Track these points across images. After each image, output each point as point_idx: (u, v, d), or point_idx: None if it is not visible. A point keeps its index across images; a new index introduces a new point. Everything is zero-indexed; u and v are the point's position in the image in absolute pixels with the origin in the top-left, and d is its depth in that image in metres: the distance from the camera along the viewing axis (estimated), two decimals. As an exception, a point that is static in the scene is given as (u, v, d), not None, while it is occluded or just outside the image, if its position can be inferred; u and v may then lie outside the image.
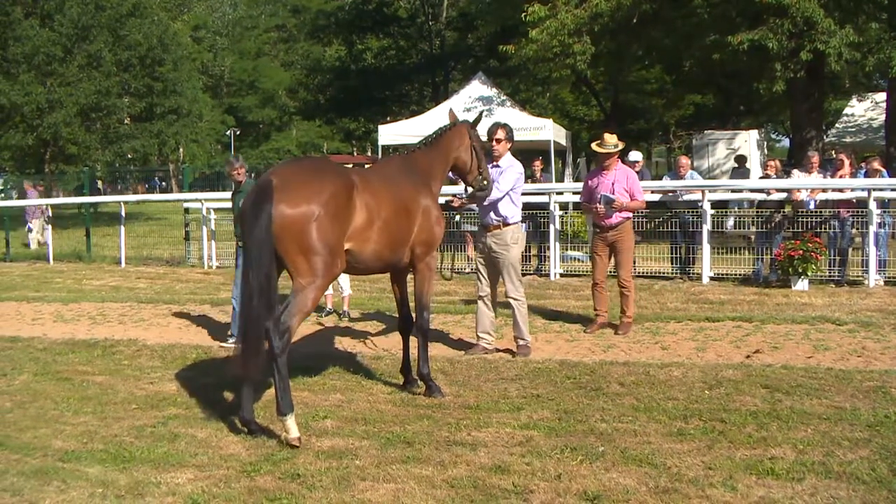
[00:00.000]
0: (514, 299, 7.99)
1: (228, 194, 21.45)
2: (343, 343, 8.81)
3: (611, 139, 9.08)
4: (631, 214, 9.13)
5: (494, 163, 7.91)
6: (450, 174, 7.31)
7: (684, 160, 13.46)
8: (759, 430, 5.39)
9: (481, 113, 7.26)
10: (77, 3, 30.36)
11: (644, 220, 12.75)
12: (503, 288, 8.11)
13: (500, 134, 7.91)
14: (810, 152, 12.93)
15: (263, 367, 5.46)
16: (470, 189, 7.41)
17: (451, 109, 7.86)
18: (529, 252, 13.40)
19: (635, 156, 14.08)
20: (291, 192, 5.43)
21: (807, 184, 11.97)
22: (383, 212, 6.00)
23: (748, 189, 13.11)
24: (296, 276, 5.48)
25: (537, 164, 15.31)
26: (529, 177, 14.99)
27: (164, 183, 48.52)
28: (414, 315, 6.74)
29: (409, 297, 6.86)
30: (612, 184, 8.95)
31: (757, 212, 12.72)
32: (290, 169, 5.85)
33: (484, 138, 7.62)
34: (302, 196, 5.45)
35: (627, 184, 8.99)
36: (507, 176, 7.89)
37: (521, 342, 8.10)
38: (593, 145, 9.43)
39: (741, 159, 19.06)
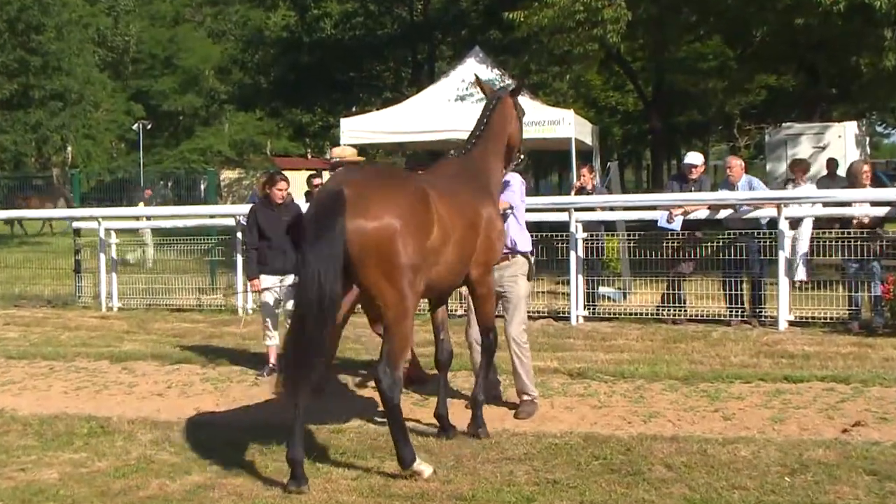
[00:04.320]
0: (517, 342, 8.26)
1: (138, 210, 20.88)
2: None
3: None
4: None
5: None
6: None
7: (734, 161, 13.34)
8: (860, 530, 5.40)
9: (522, 80, 7.74)
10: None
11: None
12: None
13: None
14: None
15: (310, 393, 6.38)
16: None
17: (476, 76, 8.65)
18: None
19: (694, 158, 13.76)
20: (369, 202, 6.06)
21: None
22: (456, 228, 6.58)
23: (835, 203, 12.93)
24: (384, 308, 6.21)
25: (586, 173, 15.07)
26: (581, 189, 14.94)
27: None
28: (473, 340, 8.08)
29: (447, 321, 7.72)
30: None
31: (846, 232, 12.44)
32: (359, 177, 6.60)
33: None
34: (382, 208, 6.10)
35: None
36: (515, 187, 8.25)
37: (525, 397, 8.35)
38: None
39: (832, 163, 19.02)
